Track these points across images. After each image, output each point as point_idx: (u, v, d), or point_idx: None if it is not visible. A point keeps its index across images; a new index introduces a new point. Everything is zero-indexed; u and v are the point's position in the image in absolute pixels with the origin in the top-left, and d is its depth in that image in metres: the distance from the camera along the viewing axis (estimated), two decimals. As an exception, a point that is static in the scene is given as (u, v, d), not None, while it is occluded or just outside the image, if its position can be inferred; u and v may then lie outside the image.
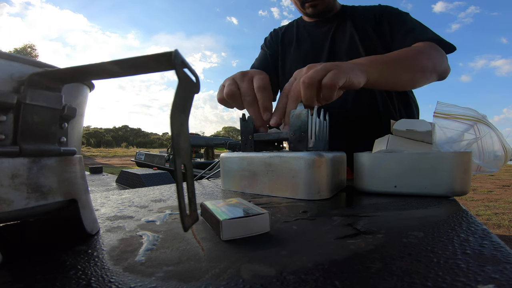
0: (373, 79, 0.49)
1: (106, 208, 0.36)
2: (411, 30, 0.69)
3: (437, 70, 0.62)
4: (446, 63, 0.65)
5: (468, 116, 0.44)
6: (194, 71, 0.17)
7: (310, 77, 0.41)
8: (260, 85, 0.46)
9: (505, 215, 2.81)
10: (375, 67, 0.50)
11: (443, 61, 0.64)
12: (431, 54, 0.61)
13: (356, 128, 0.74)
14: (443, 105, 0.45)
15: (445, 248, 0.20)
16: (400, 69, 0.57)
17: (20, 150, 0.19)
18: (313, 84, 0.41)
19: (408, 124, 0.48)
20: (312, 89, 0.41)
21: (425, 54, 0.61)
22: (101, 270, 0.18)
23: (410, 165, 0.40)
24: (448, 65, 0.66)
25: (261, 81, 0.46)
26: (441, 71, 0.64)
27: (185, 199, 0.16)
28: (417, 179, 0.40)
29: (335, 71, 0.41)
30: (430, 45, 0.64)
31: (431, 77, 0.63)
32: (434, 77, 0.63)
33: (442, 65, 0.63)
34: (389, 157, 0.42)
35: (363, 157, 0.44)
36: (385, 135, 0.51)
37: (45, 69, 0.20)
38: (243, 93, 0.46)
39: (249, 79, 0.47)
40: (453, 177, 0.38)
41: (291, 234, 0.25)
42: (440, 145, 0.42)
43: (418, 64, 0.59)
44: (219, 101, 0.52)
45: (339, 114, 0.75)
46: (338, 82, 0.40)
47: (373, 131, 0.63)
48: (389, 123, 0.52)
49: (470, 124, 0.44)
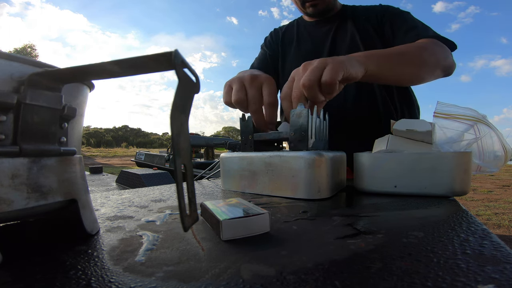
0: (371, 71, 0.49)
1: (106, 208, 0.36)
2: (413, 28, 0.68)
3: (440, 65, 0.62)
4: (451, 59, 0.65)
5: (468, 116, 0.44)
6: (194, 71, 0.17)
7: (309, 79, 0.41)
8: (270, 102, 0.46)
9: (505, 215, 2.81)
10: (371, 60, 0.50)
11: (447, 56, 0.63)
12: (434, 50, 0.61)
13: (356, 128, 0.74)
14: (443, 105, 0.45)
15: (445, 248, 0.20)
16: (401, 62, 0.56)
17: (20, 150, 0.19)
18: (312, 85, 0.41)
19: (408, 124, 0.48)
20: (313, 90, 0.41)
21: (427, 49, 0.60)
22: (101, 270, 0.18)
23: (410, 165, 0.40)
24: (453, 61, 0.65)
25: (271, 97, 0.46)
26: (446, 66, 0.63)
27: (185, 199, 0.16)
28: (417, 179, 0.40)
29: (331, 65, 0.41)
30: (432, 41, 0.63)
31: (436, 72, 0.62)
32: (438, 72, 0.63)
33: (446, 60, 0.63)
34: (389, 157, 0.42)
35: (363, 157, 0.44)
36: (385, 135, 0.51)
37: (45, 69, 0.20)
38: (250, 100, 0.47)
39: (258, 86, 0.47)
40: (453, 177, 0.38)
41: (291, 234, 0.25)
42: (440, 145, 0.42)
43: (420, 58, 0.58)
44: (226, 103, 0.51)
45: (339, 113, 0.74)
46: (336, 77, 0.40)
47: (373, 131, 0.63)
48: (389, 123, 0.52)
49: (470, 124, 0.44)
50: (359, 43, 0.74)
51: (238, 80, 0.49)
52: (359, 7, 0.83)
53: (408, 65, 0.57)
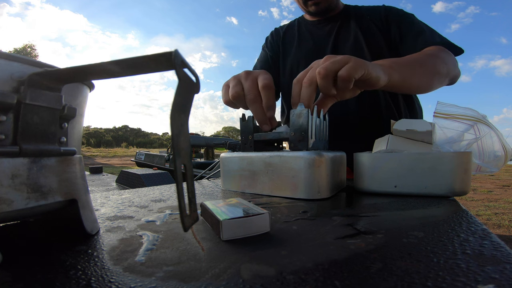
0: (394, 81, 0.48)
1: (106, 208, 0.36)
2: (420, 33, 0.69)
3: (450, 74, 0.63)
4: (458, 68, 0.66)
5: (468, 116, 0.44)
6: (194, 71, 0.17)
7: (326, 67, 0.40)
8: (265, 84, 0.45)
9: (505, 215, 2.81)
10: (395, 69, 0.50)
11: (455, 65, 0.65)
12: (445, 59, 0.62)
13: (357, 129, 0.74)
14: (443, 105, 0.45)
15: (445, 248, 0.20)
16: (419, 72, 0.57)
17: (20, 150, 0.19)
18: (328, 75, 0.40)
19: (408, 124, 0.48)
20: (327, 80, 0.40)
21: (440, 59, 0.61)
22: (101, 270, 0.18)
23: (410, 165, 0.40)
24: (459, 70, 0.67)
25: (266, 80, 0.45)
26: (454, 76, 0.65)
27: (185, 199, 0.16)
28: (417, 179, 0.40)
29: (353, 62, 0.40)
30: (442, 49, 0.64)
31: (445, 81, 0.64)
32: (447, 81, 0.64)
33: (455, 69, 0.64)
34: (389, 157, 0.42)
35: (363, 157, 0.44)
36: (385, 135, 0.51)
37: (45, 69, 0.20)
38: (246, 90, 0.46)
39: (254, 78, 0.47)
40: (453, 177, 0.38)
41: (291, 234, 0.25)
42: (440, 145, 0.42)
43: (436, 68, 0.59)
44: (225, 103, 0.51)
45: (341, 114, 0.74)
46: (354, 74, 0.39)
47: (374, 131, 0.63)
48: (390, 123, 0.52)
49: (470, 124, 0.44)
50: (363, 43, 0.74)
51: (233, 78, 0.49)
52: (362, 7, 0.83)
53: (425, 75, 0.58)
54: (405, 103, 0.78)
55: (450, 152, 0.40)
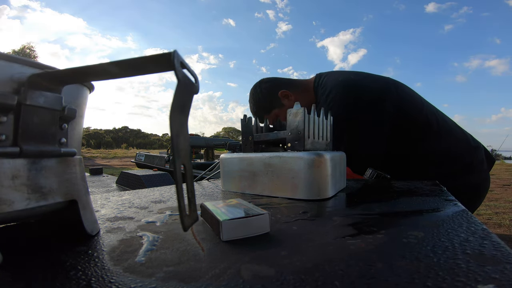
0: None
1: (106, 209, 0.36)
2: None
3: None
4: None
5: None
6: (193, 71, 0.17)
7: None
8: None
9: (505, 214, 2.80)
10: None
11: None
12: None
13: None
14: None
15: (445, 248, 0.20)
16: None
17: (21, 151, 0.19)
18: None
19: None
20: None
21: None
22: (101, 271, 0.18)
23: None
24: None
25: None
26: None
27: (184, 199, 0.16)
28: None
29: None
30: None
31: None
32: None
33: None
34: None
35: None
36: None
37: (45, 70, 0.20)
38: None
39: None
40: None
41: (291, 234, 0.25)
42: None
43: None
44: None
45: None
46: None
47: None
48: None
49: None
50: None
51: None
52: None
53: None
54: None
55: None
